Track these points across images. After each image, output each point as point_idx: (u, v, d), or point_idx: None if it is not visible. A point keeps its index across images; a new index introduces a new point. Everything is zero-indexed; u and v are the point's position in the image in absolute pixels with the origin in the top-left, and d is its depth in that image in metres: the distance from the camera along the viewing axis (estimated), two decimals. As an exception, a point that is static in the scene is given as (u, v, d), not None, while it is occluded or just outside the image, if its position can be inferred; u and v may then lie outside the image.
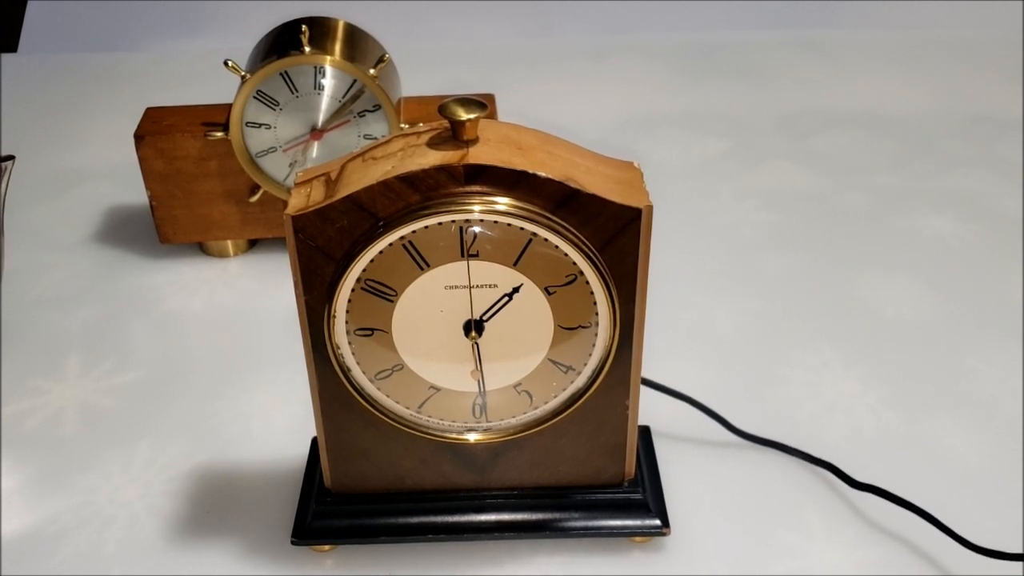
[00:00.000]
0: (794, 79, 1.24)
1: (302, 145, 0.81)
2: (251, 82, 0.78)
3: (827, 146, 1.08)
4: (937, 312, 0.80)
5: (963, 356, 0.75)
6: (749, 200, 0.97)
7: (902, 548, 0.59)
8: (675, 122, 1.13)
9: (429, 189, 0.47)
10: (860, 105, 1.17)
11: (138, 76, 1.27)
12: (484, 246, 0.48)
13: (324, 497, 0.59)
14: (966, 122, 1.13)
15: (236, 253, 0.89)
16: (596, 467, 0.58)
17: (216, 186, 0.83)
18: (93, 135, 1.12)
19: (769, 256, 0.88)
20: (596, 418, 0.55)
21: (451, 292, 0.50)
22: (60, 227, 0.94)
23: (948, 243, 0.90)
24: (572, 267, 0.49)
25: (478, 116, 0.46)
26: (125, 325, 0.80)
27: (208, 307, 0.82)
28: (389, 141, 0.50)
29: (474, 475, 0.58)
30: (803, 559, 0.59)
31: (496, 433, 0.55)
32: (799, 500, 0.63)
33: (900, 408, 0.70)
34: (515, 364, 0.52)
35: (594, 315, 0.51)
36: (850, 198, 0.97)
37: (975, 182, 1.00)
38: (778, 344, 0.77)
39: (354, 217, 0.47)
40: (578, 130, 1.09)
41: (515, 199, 0.47)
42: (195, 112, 0.84)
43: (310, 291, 0.50)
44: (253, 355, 0.76)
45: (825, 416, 0.70)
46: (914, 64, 1.28)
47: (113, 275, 0.87)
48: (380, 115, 0.80)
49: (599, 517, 0.58)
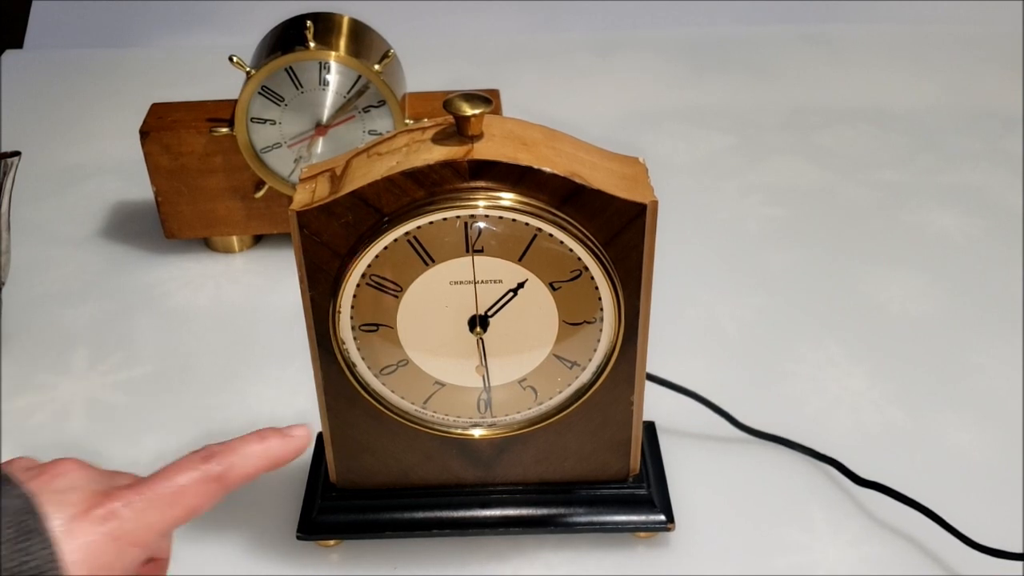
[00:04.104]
0: (799, 74, 1.24)
1: (307, 141, 0.81)
2: (256, 78, 0.78)
3: (832, 141, 1.08)
4: (943, 308, 0.80)
5: (969, 352, 0.75)
6: (754, 195, 0.97)
7: (906, 545, 0.59)
8: (680, 117, 1.13)
9: (434, 185, 0.47)
10: (866, 100, 1.17)
11: (143, 72, 1.27)
12: (489, 242, 0.48)
13: (329, 492, 0.59)
14: (972, 117, 1.12)
15: (241, 249, 0.89)
16: (601, 462, 0.58)
17: (221, 182, 0.83)
18: (99, 131, 1.12)
19: (774, 251, 0.88)
20: (601, 414, 0.55)
21: (456, 288, 0.50)
22: (66, 223, 0.94)
23: (954, 239, 0.90)
24: (577, 262, 0.49)
25: (483, 112, 0.46)
26: (131, 320, 0.80)
27: (213, 303, 0.83)
28: (394, 137, 0.50)
29: (479, 470, 0.58)
30: (807, 555, 0.59)
31: (501, 428, 0.55)
32: (803, 496, 0.63)
33: (905, 404, 0.70)
34: (520, 359, 0.52)
35: (599, 310, 0.51)
36: (856, 193, 0.97)
37: (981, 177, 1.00)
38: (783, 340, 0.77)
39: (359, 213, 0.47)
40: (583, 125, 1.09)
41: (520, 194, 0.47)
42: (200, 108, 0.84)
43: (315, 287, 0.50)
44: (258, 351, 0.76)
45: (830, 412, 0.70)
46: (920, 59, 1.28)
47: (119, 271, 0.87)
48: (385, 111, 0.80)
49: (604, 513, 0.58)
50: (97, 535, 0.40)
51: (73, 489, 0.41)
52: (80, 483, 0.42)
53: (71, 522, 0.40)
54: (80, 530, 0.40)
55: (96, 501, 0.41)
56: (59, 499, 0.40)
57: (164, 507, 0.42)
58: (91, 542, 0.40)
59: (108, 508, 0.41)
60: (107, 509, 0.41)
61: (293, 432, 0.47)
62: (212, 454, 0.44)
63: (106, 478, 0.44)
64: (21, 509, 0.39)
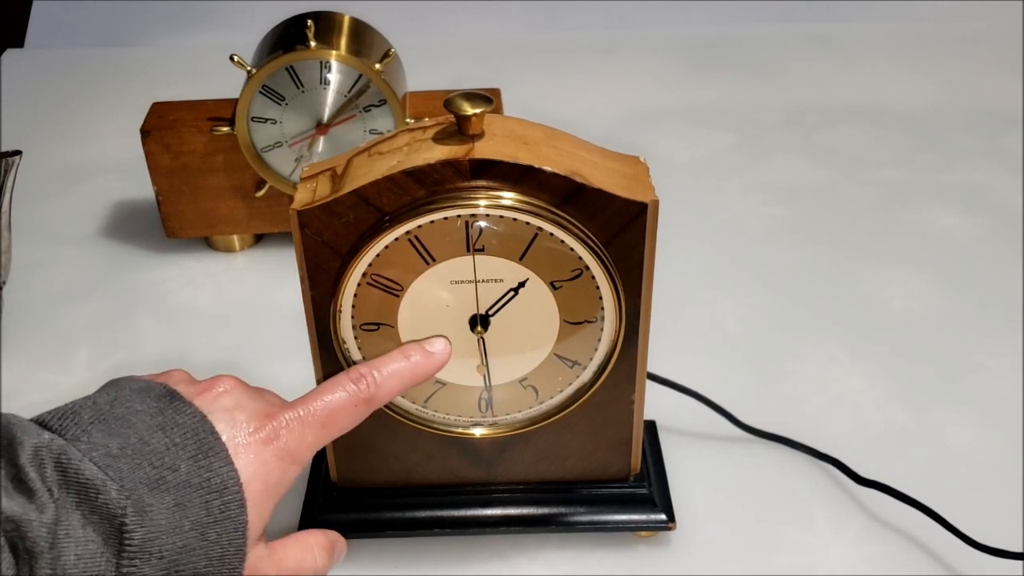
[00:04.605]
0: (801, 73, 1.24)
1: (308, 140, 0.81)
2: (257, 77, 0.78)
3: (834, 140, 1.07)
4: (944, 307, 0.80)
5: (970, 351, 0.75)
6: (755, 194, 0.97)
7: (907, 544, 0.59)
8: (681, 116, 1.13)
9: (435, 184, 0.47)
10: (867, 99, 1.17)
11: (144, 71, 1.27)
12: (490, 241, 0.48)
13: (330, 491, 0.59)
14: (973, 116, 1.12)
15: (242, 248, 0.89)
16: (602, 462, 0.58)
17: (222, 181, 0.83)
18: (99, 130, 1.12)
19: (776, 250, 0.88)
20: (602, 413, 0.55)
21: (457, 287, 0.50)
22: (67, 222, 0.94)
23: (955, 237, 0.90)
24: (578, 262, 0.49)
25: (484, 111, 0.46)
26: (132, 319, 0.80)
27: (214, 302, 0.83)
28: (395, 136, 0.50)
29: (480, 470, 0.58)
30: (808, 554, 0.59)
31: (502, 428, 0.55)
32: (804, 495, 0.63)
33: (906, 403, 0.70)
34: (521, 359, 0.52)
35: (600, 310, 0.51)
36: (857, 192, 0.97)
37: (982, 176, 1.00)
38: (784, 338, 0.77)
39: (360, 212, 0.47)
40: (584, 125, 1.09)
41: (521, 194, 0.47)
42: (201, 107, 0.84)
43: (316, 286, 0.50)
44: (259, 350, 0.77)
45: (831, 411, 0.70)
46: (921, 58, 1.28)
47: (120, 270, 0.87)
48: (386, 110, 0.80)
49: (605, 512, 0.58)
50: (266, 453, 0.42)
51: (238, 407, 0.43)
52: (243, 401, 0.44)
53: (241, 439, 0.42)
54: (251, 448, 0.42)
55: (261, 421, 0.43)
56: (229, 417, 0.42)
57: (318, 427, 0.45)
58: (261, 460, 0.42)
59: (272, 428, 0.43)
60: (272, 428, 0.43)
61: (434, 345, 0.50)
62: (361, 375, 0.47)
63: (260, 396, 0.46)
64: (197, 427, 0.41)
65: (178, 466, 0.39)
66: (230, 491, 0.40)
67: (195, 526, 0.38)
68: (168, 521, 0.38)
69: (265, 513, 0.42)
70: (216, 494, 0.39)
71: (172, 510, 0.38)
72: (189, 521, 0.38)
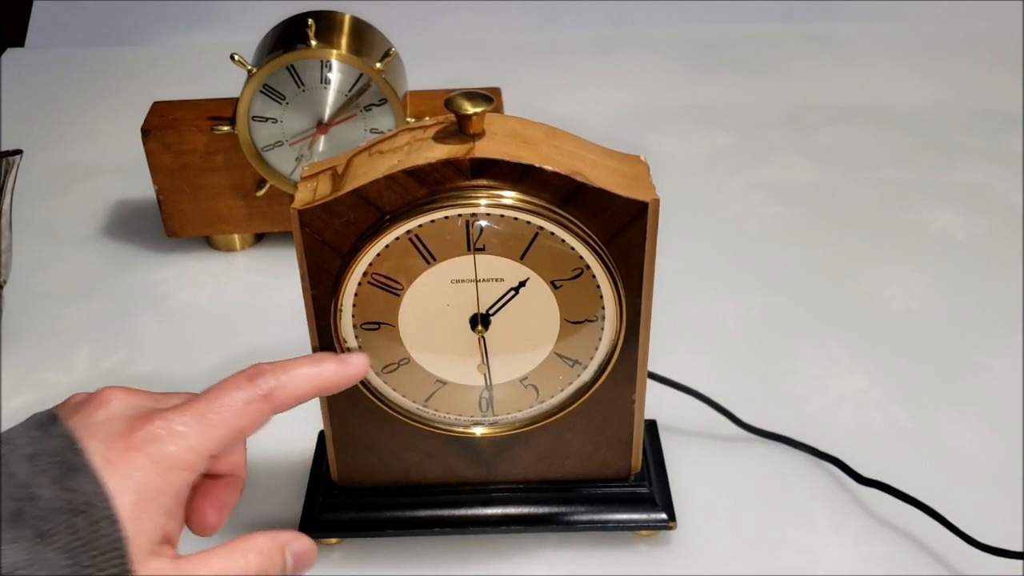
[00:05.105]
0: (801, 73, 1.24)
1: (308, 139, 0.81)
2: (257, 76, 0.78)
3: (834, 140, 1.07)
4: (945, 307, 0.80)
5: (971, 350, 0.75)
6: (756, 194, 0.97)
7: (907, 544, 0.59)
8: (682, 116, 1.13)
9: (435, 183, 0.47)
10: (868, 99, 1.17)
11: (145, 71, 1.27)
12: (491, 240, 0.48)
13: (331, 490, 0.59)
14: (974, 116, 1.12)
15: (243, 247, 0.89)
16: (602, 461, 0.58)
17: (223, 180, 0.83)
18: (100, 130, 1.12)
19: (776, 250, 0.88)
20: (602, 412, 0.55)
21: (458, 286, 0.50)
22: (67, 221, 0.94)
23: (956, 237, 0.90)
24: (579, 261, 0.49)
25: (484, 110, 0.46)
26: (133, 319, 0.80)
27: (215, 301, 0.83)
28: (395, 135, 0.50)
29: (480, 469, 0.58)
30: (808, 554, 0.59)
31: (502, 427, 0.55)
32: (805, 495, 0.63)
33: (907, 403, 0.70)
34: (521, 358, 0.52)
35: (600, 309, 0.51)
36: (858, 192, 0.97)
37: (983, 176, 1.00)
38: (785, 338, 0.77)
39: (360, 211, 0.47)
40: (585, 124, 1.08)
41: (521, 193, 0.47)
42: (202, 106, 0.84)
43: (316, 285, 0.50)
44: (260, 349, 0.76)
45: (832, 410, 0.70)
46: (921, 58, 1.27)
47: (120, 269, 0.87)
48: (386, 109, 0.80)
49: (605, 511, 0.58)
50: (139, 460, 0.38)
51: (113, 419, 0.40)
52: (121, 411, 0.40)
53: (110, 451, 0.38)
54: (121, 458, 0.38)
55: (135, 425, 0.39)
56: (103, 430, 0.39)
57: (208, 428, 0.40)
58: (133, 468, 0.38)
59: (146, 431, 0.39)
60: (145, 432, 0.39)
61: (350, 359, 0.46)
62: (259, 372, 0.43)
63: (152, 401, 0.42)
64: (63, 448, 0.38)
65: (40, 494, 0.36)
66: (97, 509, 0.36)
67: (63, 553, 0.35)
68: (29, 555, 0.34)
69: (155, 525, 0.37)
70: (82, 515, 0.36)
71: (32, 541, 0.35)
72: (54, 550, 0.35)
